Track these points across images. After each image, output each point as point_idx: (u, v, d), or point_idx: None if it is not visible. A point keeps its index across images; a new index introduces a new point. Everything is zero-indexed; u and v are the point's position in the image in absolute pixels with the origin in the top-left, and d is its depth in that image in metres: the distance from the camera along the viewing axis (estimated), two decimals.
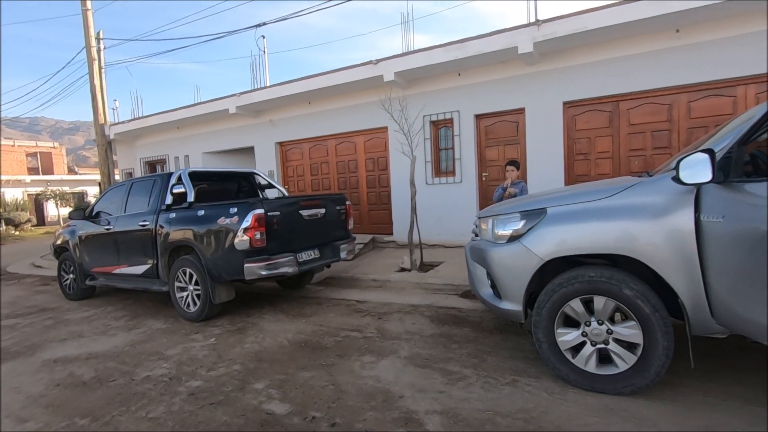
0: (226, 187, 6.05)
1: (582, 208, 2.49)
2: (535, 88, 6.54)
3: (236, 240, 4.06)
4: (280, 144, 9.55)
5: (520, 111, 6.78)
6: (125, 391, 2.90)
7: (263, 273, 4.10)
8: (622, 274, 2.37)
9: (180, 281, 4.55)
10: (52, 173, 28.88)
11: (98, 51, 10.30)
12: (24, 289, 7.24)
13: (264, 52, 9.56)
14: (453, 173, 7.37)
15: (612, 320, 2.42)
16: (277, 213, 4.23)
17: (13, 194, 23.93)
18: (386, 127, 7.67)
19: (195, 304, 4.44)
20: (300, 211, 4.52)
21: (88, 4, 10.08)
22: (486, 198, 7.10)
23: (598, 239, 2.39)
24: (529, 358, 2.95)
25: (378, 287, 5.42)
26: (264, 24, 9.00)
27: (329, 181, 8.97)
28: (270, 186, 6.17)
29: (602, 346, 2.44)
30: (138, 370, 3.27)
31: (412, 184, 5.81)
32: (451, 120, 7.30)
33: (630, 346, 2.37)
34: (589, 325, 2.46)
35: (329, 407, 2.49)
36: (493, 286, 2.85)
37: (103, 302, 5.72)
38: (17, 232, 21.24)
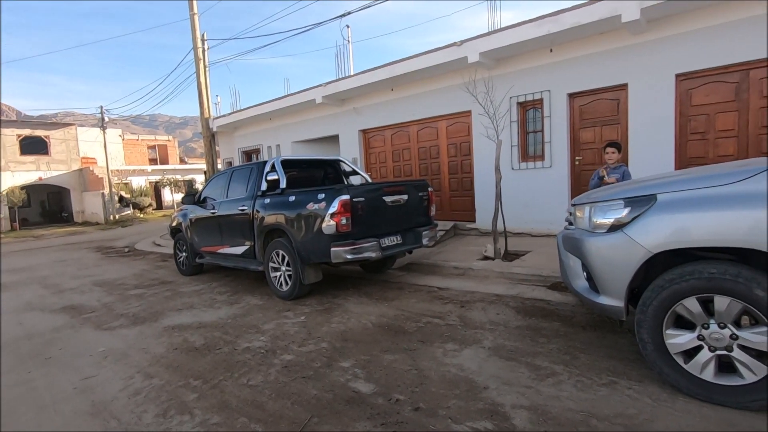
0: (313, 174, 6.35)
1: (703, 194, 2.17)
2: (641, 61, 5.84)
3: (324, 224, 4.25)
4: (363, 131, 9.75)
5: (622, 87, 6.12)
6: (229, 359, 3.22)
7: (348, 257, 4.25)
8: (752, 271, 2.03)
9: (274, 262, 4.91)
10: (167, 163, 32.80)
11: (203, 51, 11.35)
12: (148, 264, 8.38)
13: (348, 41, 9.76)
14: (542, 157, 6.93)
15: (737, 324, 2.10)
16: (362, 199, 4.34)
17: (138, 182, 27.70)
18: (470, 111, 7.43)
19: (287, 283, 4.76)
20: (383, 197, 4.59)
21: (195, 7, 11.11)
22: (580, 184, 6.57)
23: (723, 230, 2.06)
24: (629, 359, 2.70)
25: (460, 275, 5.34)
26: (348, 13, 9.17)
27: (411, 168, 8.97)
28: (354, 173, 6.34)
29: (723, 352, 2.13)
30: (239, 340, 3.61)
31: (497, 169, 5.57)
32: (540, 101, 6.83)
33: (760, 355, 2.04)
34: (707, 328, 2.16)
35: (412, 391, 2.52)
36: (589, 278, 2.63)
37: (209, 278, 6.40)
38: (142, 215, 24.62)
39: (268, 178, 5.15)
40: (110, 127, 26.13)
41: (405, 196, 4.81)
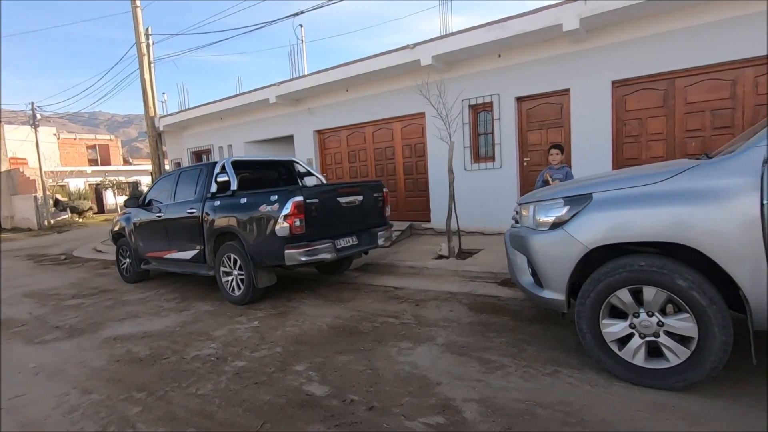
0: (266, 175, 6.21)
1: (632, 193, 2.35)
2: (581, 68, 6.20)
3: (277, 227, 4.17)
4: (319, 132, 9.66)
5: (565, 92, 6.47)
6: (177, 369, 3.08)
7: (303, 259, 4.20)
8: (675, 263, 2.22)
9: (225, 266, 4.75)
10: (109, 164, 30.84)
11: (147, 46, 10.78)
12: (87, 271, 7.84)
13: (302, 41, 9.65)
14: (493, 159, 7.18)
15: (663, 312, 2.29)
16: (316, 200, 4.30)
17: (76, 184, 25.82)
18: (424, 113, 7.56)
19: (239, 288, 4.63)
20: (338, 199, 4.57)
21: (137, 1, 10.53)
22: (528, 184, 6.87)
23: (650, 226, 2.24)
24: (570, 350, 2.86)
25: (415, 274, 5.42)
26: (302, 12, 9.06)
27: (367, 169, 9.00)
28: (309, 174, 6.27)
29: (652, 338, 2.31)
30: (188, 349, 3.46)
31: (450, 170, 5.71)
32: (490, 103, 7.08)
33: (683, 340, 2.23)
34: (637, 317, 2.34)
35: (367, 391, 2.53)
36: (534, 274, 2.77)
37: (156, 285, 6.09)
38: (81, 220, 22.96)
39: (219, 179, 4.98)
40: (44, 125, 24.19)
41: (360, 197, 4.81)
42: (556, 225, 2.59)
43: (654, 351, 2.33)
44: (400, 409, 2.30)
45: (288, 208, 4.09)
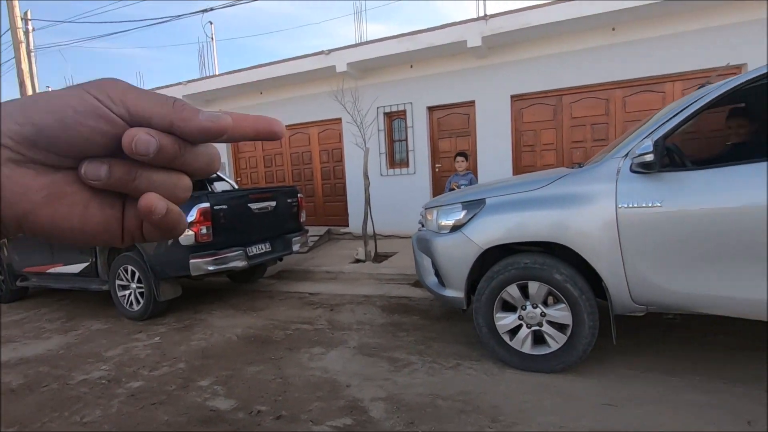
0: None
1: (517, 198, 2.61)
2: (485, 82, 6.72)
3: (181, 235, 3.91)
4: None
5: (471, 104, 6.95)
6: (58, 396, 2.76)
7: (210, 268, 3.99)
8: (553, 260, 2.52)
9: (121, 279, 4.34)
10: None
11: (26, 33, 9.48)
12: None
13: (212, 38, 9.19)
14: (407, 165, 7.46)
15: (545, 304, 2.57)
16: (224, 207, 4.12)
17: None
18: (340, 119, 7.62)
19: (138, 302, 4.26)
20: (249, 205, 4.43)
21: None
22: (439, 188, 7.24)
23: (532, 228, 2.52)
24: (472, 343, 3.08)
25: (331, 279, 5.43)
26: (211, 9, 8.64)
27: (283, 173, 8.81)
28: (219, 179, 5.98)
29: (537, 328, 2.58)
30: (73, 373, 3.11)
31: (366, 176, 5.83)
32: (404, 112, 7.36)
33: (561, 327, 2.53)
34: (524, 309, 2.60)
35: (275, 400, 2.49)
36: (438, 274, 2.94)
37: (36, 304, 5.36)
38: None
39: None
40: None
41: (273, 203, 4.71)
42: (456, 228, 2.79)
43: (538, 339, 2.61)
44: (309, 415, 2.30)
45: (193, 216, 3.87)
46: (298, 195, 5.16)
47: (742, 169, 2.16)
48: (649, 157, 2.19)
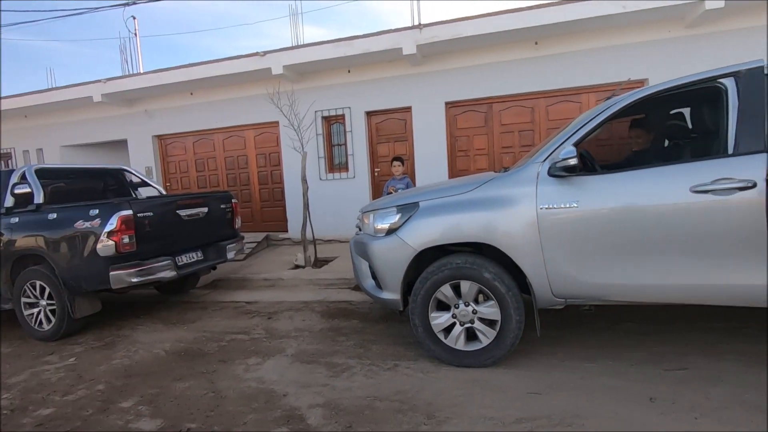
0: (90, 186, 5.32)
1: (448, 201, 2.72)
2: (420, 88, 6.91)
3: (99, 245, 3.61)
4: (159, 137, 8.69)
5: (408, 109, 7.11)
6: None
7: (134, 280, 3.72)
8: (482, 259, 2.65)
9: (28, 296, 3.91)
10: None
11: None
12: None
13: (135, 34, 8.59)
14: (346, 169, 7.46)
15: (476, 301, 2.69)
16: (150, 214, 3.87)
17: None
18: (277, 122, 7.45)
19: (49, 321, 3.86)
20: (178, 211, 4.19)
21: None
22: (379, 192, 7.32)
23: (462, 229, 2.63)
24: (409, 343, 3.14)
25: (270, 286, 5.28)
26: (134, 3, 8.08)
27: (217, 178, 8.43)
28: (144, 184, 5.59)
29: (469, 325, 2.70)
30: None
31: (304, 180, 5.75)
32: (343, 116, 7.36)
33: (491, 323, 2.67)
34: (458, 308, 2.70)
35: (207, 416, 2.37)
36: (375, 277, 2.97)
37: None
38: None
39: (16, 191, 4.08)
40: None
41: (205, 209, 4.49)
42: (391, 231, 2.84)
43: (471, 335, 2.73)
44: (243, 428, 2.22)
45: (113, 224, 3.58)
46: (233, 200, 4.97)
47: (642, 173, 2.43)
48: (573, 161, 2.38)
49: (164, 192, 5.63)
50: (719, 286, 2.28)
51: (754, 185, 2.15)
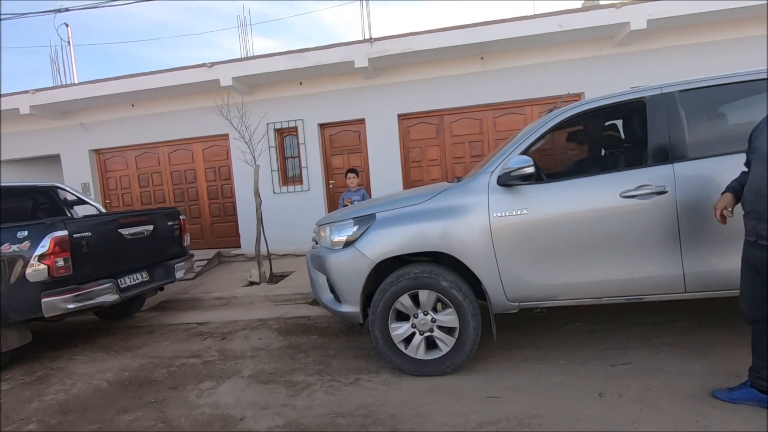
0: (17, 206, 4.87)
1: (405, 211, 2.76)
2: (373, 101, 7.00)
3: (29, 270, 3.31)
4: (97, 152, 8.16)
5: (361, 121, 7.17)
6: None
7: (71, 306, 3.43)
8: (440, 268, 2.70)
9: None
10: None
11: None
12: None
13: (69, 42, 8.06)
14: (301, 181, 7.37)
15: (435, 310, 2.73)
16: (88, 234, 3.60)
17: None
18: (227, 135, 7.23)
19: None
20: (120, 230, 3.94)
21: None
22: (334, 204, 7.28)
23: (419, 239, 2.67)
24: (370, 356, 3.12)
25: (223, 305, 5.07)
26: (66, 10, 7.60)
27: (163, 194, 8.02)
28: (81, 202, 5.21)
29: (429, 334, 2.73)
30: None
31: (257, 194, 5.61)
32: (296, 128, 7.29)
33: (450, 331, 2.71)
34: (417, 317, 2.73)
35: None
36: (333, 291, 2.94)
37: None
38: None
39: None
40: None
41: (150, 227, 4.25)
42: (348, 243, 2.83)
43: (431, 344, 2.76)
44: None
45: (45, 246, 3.30)
46: (181, 217, 4.75)
47: (581, 181, 2.60)
48: (529, 170, 2.50)
49: (103, 210, 5.27)
50: (647, 278, 2.52)
51: (666, 191, 2.44)
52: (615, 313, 3.50)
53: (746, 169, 2.10)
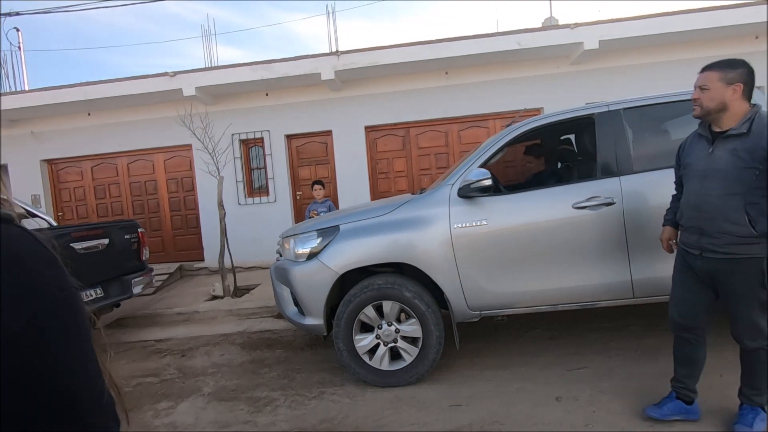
0: None
1: (368, 223, 2.79)
2: (340, 113, 7.04)
3: None
4: (49, 162, 7.76)
5: (328, 133, 7.18)
6: None
7: None
8: (403, 279, 2.74)
9: None
10: None
11: None
12: None
13: (19, 48, 7.70)
14: (267, 193, 7.27)
15: (398, 320, 2.76)
16: None
17: None
18: (190, 145, 7.05)
19: None
20: (72, 244, 3.76)
21: None
22: (301, 216, 7.21)
23: (382, 250, 2.71)
24: (335, 369, 3.10)
25: (184, 321, 4.90)
26: (17, 14, 7.27)
27: (121, 206, 7.71)
28: (30, 215, 4.93)
29: (393, 344, 2.75)
30: None
31: (221, 205, 5.50)
32: (262, 139, 7.21)
33: (413, 341, 2.74)
34: (381, 328, 2.74)
35: None
36: (297, 303, 2.92)
37: None
38: None
39: None
40: None
41: (105, 241, 4.08)
42: (312, 255, 2.82)
43: (395, 355, 2.78)
44: None
45: None
46: (139, 230, 4.58)
47: (537, 193, 2.72)
48: (488, 182, 2.58)
49: (55, 223, 5.01)
50: (599, 285, 2.64)
51: (614, 202, 2.58)
52: (573, 319, 3.63)
53: (675, 192, 2.17)
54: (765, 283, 1.78)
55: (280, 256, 3.26)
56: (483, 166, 2.71)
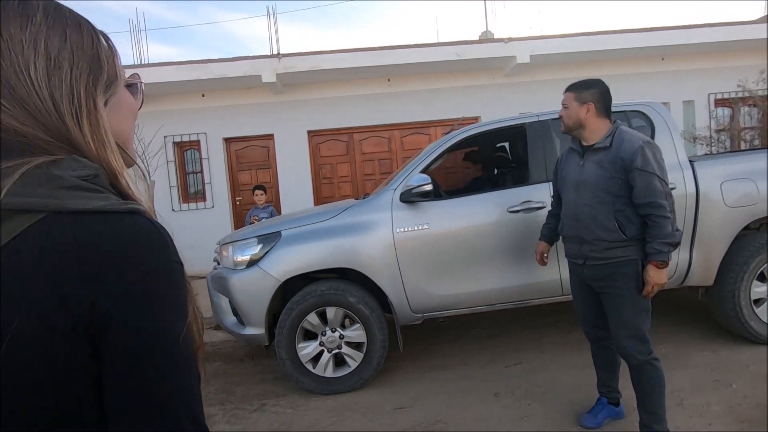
0: None
1: (310, 229, 2.75)
2: (282, 117, 6.89)
3: None
4: None
5: (270, 137, 7.00)
6: None
7: None
8: (346, 284, 2.72)
9: None
10: None
11: None
12: None
13: None
14: (204, 198, 6.93)
15: (343, 326, 2.74)
16: None
17: None
18: None
19: None
20: None
21: None
22: (242, 223, 6.93)
23: (326, 256, 2.68)
24: (277, 379, 3.01)
25: None
26: None
27: None
28: None
29: (337, 351, 2.72)
30: None
31: (152, 211, 5.14)
32: (198, 142, 6.87)
33: (358, 346, 2.74)
34: (325, 335, 2.71)
35: None
36: (236, 313, 2.80)
37: None
38: None
39: None
40: None
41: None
42: (252, 263, 2.72)
43: (339, 361, 2.75)
44: None
45: None
46: None
47: (475, 198, 2.84)
48: (428, 187, 2.64)
49: None
50: (532, 284, 2.79)
51: (544, 206, 2.70)
52: (509, 318, 3.82)
53: (550, 208, 2.31)
54: (640, 285, 1.85)
55: (218, 264, 3.11)
56: (424, 171, 2.78)
